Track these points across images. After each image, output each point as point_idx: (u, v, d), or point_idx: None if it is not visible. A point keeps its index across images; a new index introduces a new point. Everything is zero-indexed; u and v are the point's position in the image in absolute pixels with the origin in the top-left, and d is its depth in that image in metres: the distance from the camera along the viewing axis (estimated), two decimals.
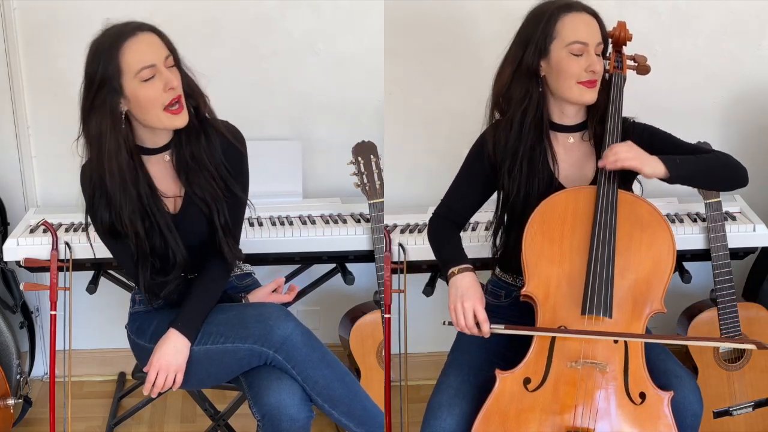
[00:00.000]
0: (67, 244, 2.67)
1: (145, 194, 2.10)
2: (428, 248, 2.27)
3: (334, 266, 2.94)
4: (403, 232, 2.85)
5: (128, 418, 3.06)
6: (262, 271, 2.63)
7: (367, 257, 2.81)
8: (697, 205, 2.84)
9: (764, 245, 2.83)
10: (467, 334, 2.07)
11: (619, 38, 2.20)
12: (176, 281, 2.19)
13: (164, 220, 2.13)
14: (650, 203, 2.09)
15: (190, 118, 2.08)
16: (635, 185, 2.21)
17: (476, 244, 2.69)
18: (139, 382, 2.71)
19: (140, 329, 2.26)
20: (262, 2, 3.01)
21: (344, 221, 2.87)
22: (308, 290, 2.98)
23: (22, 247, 2.70)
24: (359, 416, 2.13)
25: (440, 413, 2.03)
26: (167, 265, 2.17)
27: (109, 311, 3.10)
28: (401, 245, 2.76)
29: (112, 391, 3.29)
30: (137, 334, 2.27)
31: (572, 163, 2.18)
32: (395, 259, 2.74)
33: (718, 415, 2.78)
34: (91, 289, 2.77)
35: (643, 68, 2.24)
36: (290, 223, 2.84)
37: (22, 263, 2.70)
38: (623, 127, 2.13)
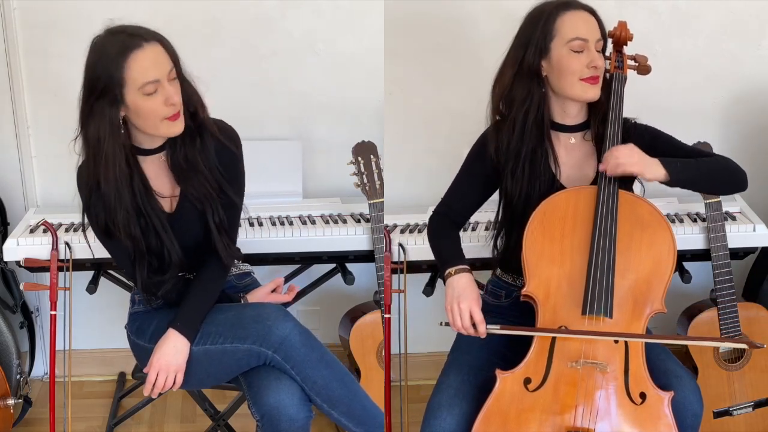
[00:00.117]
0: (67, 244, 2.67)
1: (139, 193, 2.10)
2: (428, 248, 2.27)
3: (334, 266, 2.94)
4: (403, 232, 2.85)
5: (128, 418, 3.06)
6: (262, 271, 2.63)
7: (367, 257, 2.81)
8: (697, 205, 2.83)
9: (764, 245, 2.83)
10: (464, 334, 2.07)
11: (619, 38, 2.19)
12: (173, 280, 2.19)
13: (159, 219, 2.13)
14: (651, 203, 2.09)
15: (186, 121, 2.08)
16: (636, 185, 2.21)
17: (476, 244, 2.69)
18: (139, 382, 2.71)
19: (140, 329, 2.26)
20: (262, 2, 3.01)
21: (344, 221, 2.87)
22: (308, 290, 2.98)
23: (22, 247, 2.70)
24: (358, 416, 2.13)
25: (440, 413, 2.03)
26: (163, 264, 2.17)
27: (109, 311, 3.10)
28: (401, 245, 2.76)
29: (112, 391, 3.29)
30: (137, 334, 2.27)
31: (573, 164, 2.17)
32: (395, 259, 2.74)
33: (718, 415, 2.78)
34: (91, 289, 2.77)
35: (643, 68, 2.24)
36: (290, 223, 2.84)
37: (22, 263, 2.70)
38: (624, 128, 2.12)
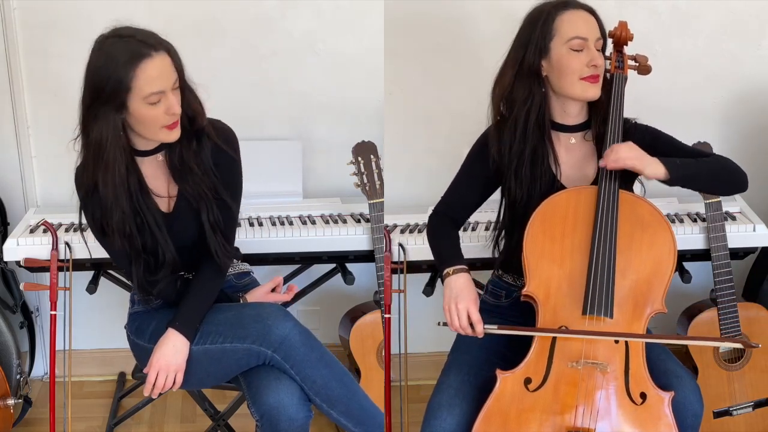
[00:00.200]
0: (67, 244, 2.67)
1: (135, 193, 2.10)
2: (428, 248, 2.27)
3: (334, 266, 2.94)
4: (403, 232, 2.85)
5: (128, 418, 3.06)
6: (262, 271, 2.63)
7: (367, 257, 2.81)
8: (697, 205, 2.83)
9: (764, 245, 2.83)
10: (462, 334, 2.08)
11: (620, 38, 2.19)
12: (167, 279, 2.19)
13: (153, 218, 2.13)
14: (651, 203, 2.09)
15: (183, 123, 2.08)
16: (636, 185, 2.21)
17: (476, 244, 2.69)
18: (139, 382, 2.71)
19: (139, 329, 2.26)
20: (262, 2, 3.01)
21: (344, 221, 2.87)
22: (308, 290, 2.98)
23: (22, 247, 2.70)
24: (357, 416, 2.13)
25: (440, 413, 2.03)
26: (158, 263, 2.17)
27: (109, 311, 3.10)
28: (401, 245, 2.76)
29: (112, 391, 3.29)
30: (136, 334, 2.27)
31: (573, 164, 2.17)
32: (395, 259, 2.74)
33: (718, 415, 2.78)
34: (91, 289, 2.77)
35: (644, 68, 2.23)
36: (290, 223, 2.84)
37: (22, 263, 2.70)
38: (624, 128, 2.12)
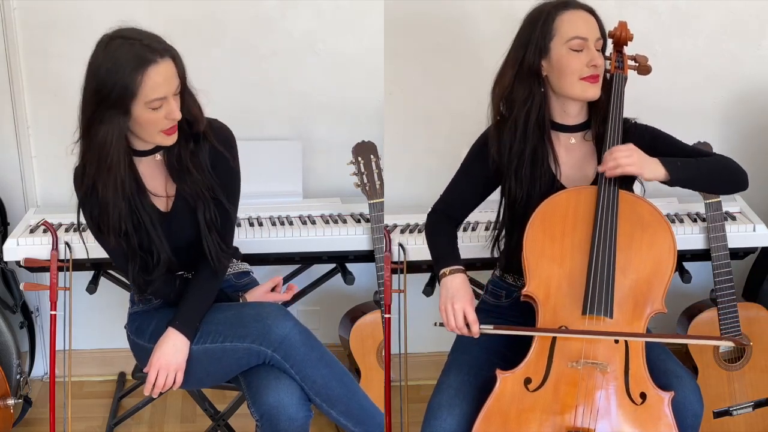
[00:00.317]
0: (67, 244, 2.67)
1: (132, 192, 2.10)
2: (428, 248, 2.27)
3: (334, 266, 2.94)
4: (403, 232, 2.85)
5: (128, 418, 3.06)
6: (262, 271, 2.63)
7: (367, 257, 2.81)
8: (697, 205, 2.83)
9: (764, 245, 2.83)
10: (458, 334, 2.08)
11: (620, 38, 2.19)
12: (162, 279, 2.19)
13: (149, 217, 2.14)
14: (651, 203, 2.09)
15: (181, 126, 2.09)
16: (636, 185, 2.21)
17: (476, 244, 2.69)
18: (139, 382, 2.71)
19: (139, 329, 2.26)
20: (262, 2, 3.01)
21: (344, 221, 2.87)
22: (308, 290, 2.98)
23: (22, 247, 2.70)
24: (357, 416, 2.13)
25: (440, 413, 2.03)
26: (153, 262, 2.17)
27: (109, 311, 3.10)
28: (401, 245, 2.76)
29: (112, 391, 3.29)
30: (136, 334, 2.27)
31: (573, 164, 2.17)
32: (395, 259, 2.74)
33: (718, 415, 2.78)
34: (91, 289, 2.77)
35: (644, 68, 2.23)
36: (290, 223, 2.84)
37: (22, 263, 2.70)
38: (624, 128, 2.12)
